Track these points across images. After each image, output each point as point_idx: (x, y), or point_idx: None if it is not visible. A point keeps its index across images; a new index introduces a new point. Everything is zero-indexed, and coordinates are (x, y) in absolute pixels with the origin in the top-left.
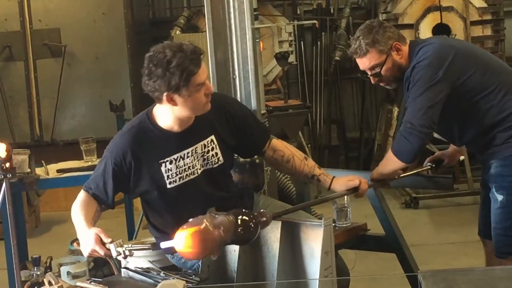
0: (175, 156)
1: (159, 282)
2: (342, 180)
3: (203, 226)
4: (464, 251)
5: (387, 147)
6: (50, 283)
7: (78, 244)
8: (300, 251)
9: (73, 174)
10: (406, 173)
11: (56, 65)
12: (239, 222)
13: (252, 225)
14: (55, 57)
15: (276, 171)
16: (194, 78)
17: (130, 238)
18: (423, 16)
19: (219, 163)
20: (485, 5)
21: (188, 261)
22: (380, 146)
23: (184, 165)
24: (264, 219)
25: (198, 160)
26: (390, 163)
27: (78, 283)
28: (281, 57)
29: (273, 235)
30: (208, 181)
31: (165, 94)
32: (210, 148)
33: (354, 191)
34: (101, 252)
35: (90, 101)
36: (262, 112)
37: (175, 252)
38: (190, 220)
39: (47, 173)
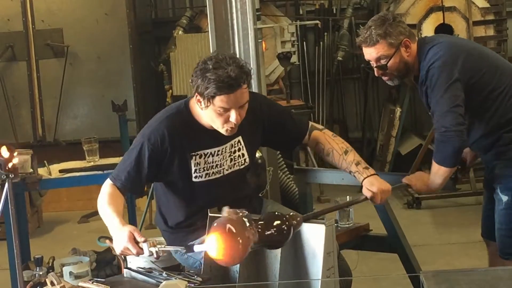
0: (205, 151)
1: (161, 282)
2: (369, 183)
3: (237, 231)
4: (467, 252)
5: (390, 147)
6: (52, 283)
7: (111, 241)
8: (302, 252)
9: (76, 174)
10: None
11: (58, 65)
12: (274, 224)
13: (285, 228)
14: (57, 57)
15: (279, 172)
16: (218, 98)
17: None
18: (425, 16)
19: (245, 164)
20: (487, 5)
21: (190, 258)
22: (382, 147)
23: (212, 162)
24: (295, 222)
25: (225, 160)
26: (439, 175)
27: (81, 283)
28: (284, 57)
29: None
30: (231, 183)
31: (196, 93)
32: (236, 148)
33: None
34: (133, 250)
35: (92, 101)
36: None
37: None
38: (217, 222)
39: (50, 173)
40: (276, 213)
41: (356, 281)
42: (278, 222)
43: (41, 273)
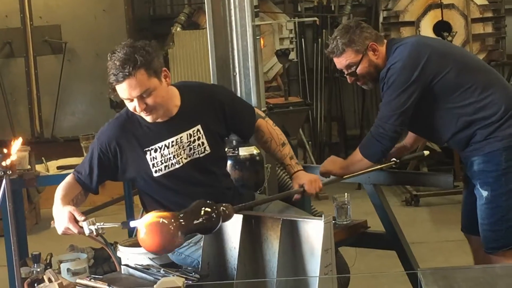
0: (159, 145)
1: (159, 279)
2: (299, 177)
3: (159, 218)
4: (464, 249)
5: None
6: (50, 280)
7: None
8: (300, 249)
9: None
10: (373, 168)
11: (56, 62)
12: (202, 213)
13: (214, 216)
14: (55, 53)
15: (277, 169)
16: (116, 88)
17: (130, 234)
18: (424, 13)
19: (206, 152)
20: (486, 2)
21: (188, 257)
22: None
23: (169, 154)
24: (227, 211)
25: (183, 150)
26: (360, 164)
27: (78, 280)
28: (282, 54)
29: (273, 232)
30: (196, 170)
31: None
32: (196, 137)
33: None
34: (74, 230)
35: (90, 98)
36: (263, 109)
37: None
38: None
39: (47, 170)
40: (208, 201)
41: (354, 278)
42: (207, 209)
43: (38, 269)
